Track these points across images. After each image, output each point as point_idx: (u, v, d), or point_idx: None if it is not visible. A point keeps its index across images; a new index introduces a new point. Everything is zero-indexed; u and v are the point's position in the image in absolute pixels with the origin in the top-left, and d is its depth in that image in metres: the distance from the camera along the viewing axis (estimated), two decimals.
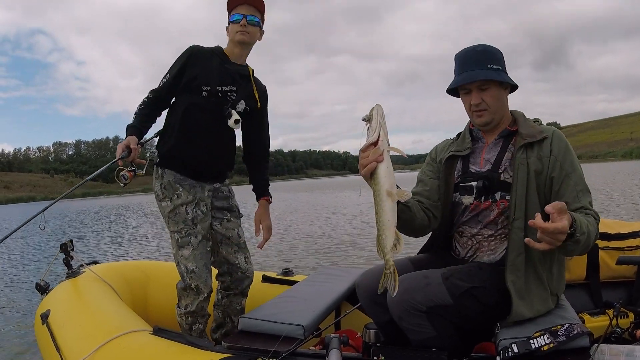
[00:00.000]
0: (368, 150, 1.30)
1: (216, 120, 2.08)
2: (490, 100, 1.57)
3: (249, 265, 2.27)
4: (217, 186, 2.23)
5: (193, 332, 2.13)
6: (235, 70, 2.13)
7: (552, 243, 1.24)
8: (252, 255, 2.32)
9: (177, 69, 2.09)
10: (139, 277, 2.75)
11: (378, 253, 1.32)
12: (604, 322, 1.85)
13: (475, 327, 1.57)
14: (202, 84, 2.05)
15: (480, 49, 1.60)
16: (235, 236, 2.23)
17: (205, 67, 2.07)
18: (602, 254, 2.00)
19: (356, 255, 7.04)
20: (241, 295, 2.27)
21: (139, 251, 9.23)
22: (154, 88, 2.14)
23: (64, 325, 2.00)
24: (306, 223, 12.37)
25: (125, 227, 15.30)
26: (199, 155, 2.10)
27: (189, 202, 2.08)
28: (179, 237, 2.07)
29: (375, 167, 1.29)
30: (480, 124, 1.63)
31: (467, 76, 1.57)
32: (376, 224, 1.31)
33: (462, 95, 1.63)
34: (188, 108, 2.08)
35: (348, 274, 2.52)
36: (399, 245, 1.29)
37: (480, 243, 1.64)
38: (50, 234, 14.72)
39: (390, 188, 1.29)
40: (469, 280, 1.50)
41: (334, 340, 1.47)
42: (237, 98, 2.12)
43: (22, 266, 8.31)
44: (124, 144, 2.01)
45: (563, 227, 1.22)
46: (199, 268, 2.06)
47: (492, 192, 1.59)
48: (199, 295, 2.07)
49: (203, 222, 2.11)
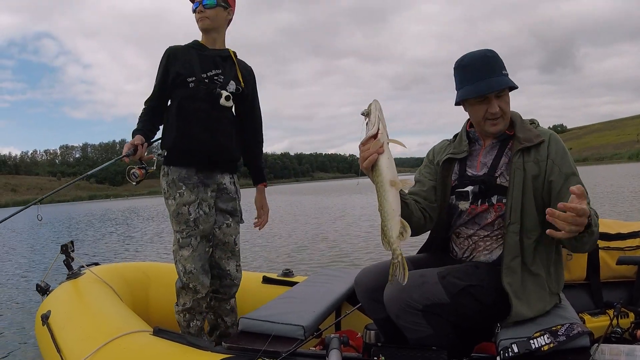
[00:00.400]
0: (368, 143, 1.31)
1: (210, 105, 2.12)
2: (505, 107, 1.57)
3: (239, 273, 2.30)
4: (225, 184, 2.22)
5: (191, 328, 2.16)
6: (214, 55, 2.17)
7: (575, 229, 1.22)
8: (252, 254, 2.33)
9: (160, 74, 2.15)
10: (139, 278, 2.76)
11: (383, 245, 1.32)
12: (604, 322, 1.85)
13: (473, 326, 1.57)
14: (187, 77, 2.10)
15: (491, 55, 1.56)
16: (231, 242, 2.25)
17: (185, 61, 2.12)
18: (603, 254, 2.00)
19: (356, 255, 7.04)
20: (229, 298, 2.31)
21: (141, 253, 9.24)
22: (147, 98, 2.19)
23: (65, 326, 2.00)
24: (310, 225, 12.37)
25: (131, 230, 15.27)
26: (202, 140, 2.11)
27: (192, 202, 2.10)
28: (180, 238, 2.10)
29: (377, 159, 1.30)
30: (494, 133, 1.61)
31: (492, 84, 1.52)
32: (380, 215, 1.31)
33: (476, 103, 1.57)
34: (180, 102, 2.12)
35: (348, 274, 2.52)
36: (406, 233, 1.29)
37: (477, 243, 1.64)
38: (55, 234, 14.75)
39: (393, 178, 1.30)
40: (465, 278, 1.50)
41: (334, 340, 1.47)
42: (225, 80, 2.15)
43: (23, 267, 8.32)
44: (130, 143, 2.04)
45: (584, 210, 1.21)
46: (196, 269, 2.10)
47: (489, 195, 1.59)
48: (197, 294, 2.12)
49: (205, 223, 2.13)
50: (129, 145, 2.03)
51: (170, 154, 2.11)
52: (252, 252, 7.64)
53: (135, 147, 2.03)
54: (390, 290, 1.49)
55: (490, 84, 1.52)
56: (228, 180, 2.25)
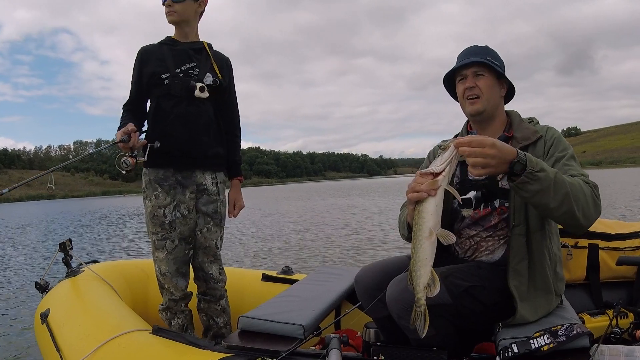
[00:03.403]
0: (426, 177, 1.26)
1: (185, 99, 2.08)
2: (485, 87, 1.58)
3: (222, 276, 2.28)
4: (205, 185, 2.15)
5: (173, 326, 2.17)
6: (186, 48, 2.14)
7: (480, 162, 1.22)
8: (252, 253, 2.33)
9: (135, 75, 2.13)
10: (139, 276, 2.75)
11: (408, 286, 1.28)
12: (604, 322, 1.85)
13: (475, 326, 1.57)
14: (161, 74, 2.07)
15: (482, 45, 1.65)
16: (213, 246, 2.21)
17: (158, 58, 2.10)
18: (602, 254, 2.00)
19: (356, 256, 7.04)
20: (218, 299, 2.29)
21: (140, 250, 9.24)
22: (124, 103, 2.17)
23: (64, 324, 2.00)
24: (321, 225, 12.37)
25: (138, 227, 15.22)
26: (179, 138, 2.06)
27: (167, 205, 2.07)
28: (156, 240, 2.10)
29: (425, 199, 1.25)
30: (472, 112, 1.61)
31: (466, 60, 1.59)
32: (411, 258, 1.26)
33: (458, 84, 1.64)
34: (158, 101, 2.10)
35: (348, 273, 2.51)
36: (434, 288, 1.23)
37: (479, 244, 1.63)
38: (55, 234, 14.72)
39: (433, 227, 1.24)
40: (468, 279, 1.50)
41: (334, 339, 1.47)
42: (200, 73, 2.12)
43: (22, 265, 8.31)
44: (122, 131, 1.97)
45: (483, 139, 1.22)
46: (170, 272, 2.10)
47: (491, 199, 1.59)
48: (172, 295, 2.14)
49: (182, 226, 2.10)
50: (121, 132, 1.97)
51: (148, 156, 2.07)
52: (251, 251, 7.65)
53: (129, 135, 1.96)
54: (393, 291, 1.49)
55: (467, 60, 1.59)
56: (210, 180, 2.18)
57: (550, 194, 1.28)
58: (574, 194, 1.31)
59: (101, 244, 10.73)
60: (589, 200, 1.35)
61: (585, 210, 1.34)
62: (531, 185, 1.27)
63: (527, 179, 1.26)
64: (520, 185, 1.27)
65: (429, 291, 1.24)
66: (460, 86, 1.63)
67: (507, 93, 1.66)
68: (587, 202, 1.34)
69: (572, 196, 1.31)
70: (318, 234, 9.93)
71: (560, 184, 1.29)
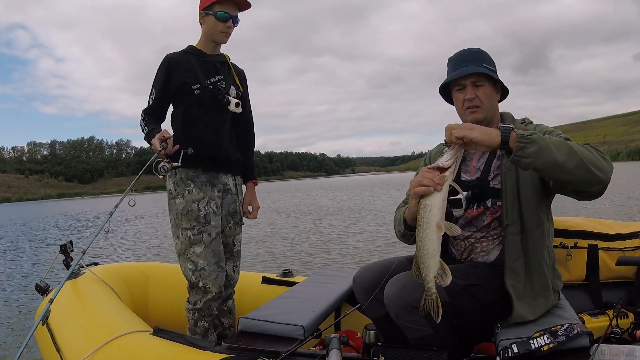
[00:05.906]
0: (433, 172, 1.29)
1: (215, 110, 2.15)
2: (484, 97, 1.58)
3: (236, 274, 2.32)
4: (229, 185, 2.25)
5: (198, 328, 2.15)
6: (214, 61, 2.20)
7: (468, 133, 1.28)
8: (252, 255, 2.34)
9: (162, 81, 2.15)
10: (139, 278, 2.75)
11: (414, 276, 1.31)
12: (604, 322, 1.85)
13: (474, 325, 1.58)
14: (192, 84, 2.12)
15: (475, 50, 1.63)
16: (230, 244, 2.28)
17: (188, 69, 2.13)
18: (602, 255, 2.00)
19: (357, 256, 7.04)
20: (225, 299, 2.31)
21: (139, 253, 9.23)
22: (145, 108, 2.19)
23: (64, 326, 2.00)
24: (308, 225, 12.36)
25: (128, 230, 15.23)
26: (208, 145, 2.13)
27: (201, 199, 2.11)
28: (192, 235, 2.10)
29: (431, 194, 1.29)
30: (472, 122, 1.60)
31: (463, 70, 1.57)
32: (417, 251, 1.29)
33: (456, 93, 1.63)
34: (187, 109, 2.14)
35: (348, 274, 2.52)
36: (446, 277, 1.27)
37: (473, 245, 1.64)
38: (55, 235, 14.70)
39: (440, 221, 1.28)
40: (465, 278, 1.50)
41: (334, 340, 1.47)
42: (227, 85, 2.20)
43: (22, 267, 8.31)
44: (158, 138, 2.01)
45: (466, 124, 1.28)
46: (209, 266, 2.09)
47: (483, 199, 1.59)
48: (207, 294, 2.11)
49: (216, 220, 2.15)
50: (157, 140, 2.00)
51: (177, 157, 2.10)
52: (251, 252, 7.65)
53: (166, 141, 2.02)
54: (391, 290, 1.49)
55: (465, 70, 1.57)
56: (231, 181, 2.28)
57: (552, 150, 1.28)
58: (577, 148, 1.31)
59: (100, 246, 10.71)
60: (596, 154, 1.34)
61: (597, 163, 1.32)
62: (528, 148, 1.27)
63: (521, 143, 1.27)
64: (519, 153, 1.28)
65: (442, 281, 1.27)
66: (459, 95, 1.61)
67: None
68: (595, 156, 1.33)
69: (577, 150, 1.30)
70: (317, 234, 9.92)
71: (559, 142, 1.30)
